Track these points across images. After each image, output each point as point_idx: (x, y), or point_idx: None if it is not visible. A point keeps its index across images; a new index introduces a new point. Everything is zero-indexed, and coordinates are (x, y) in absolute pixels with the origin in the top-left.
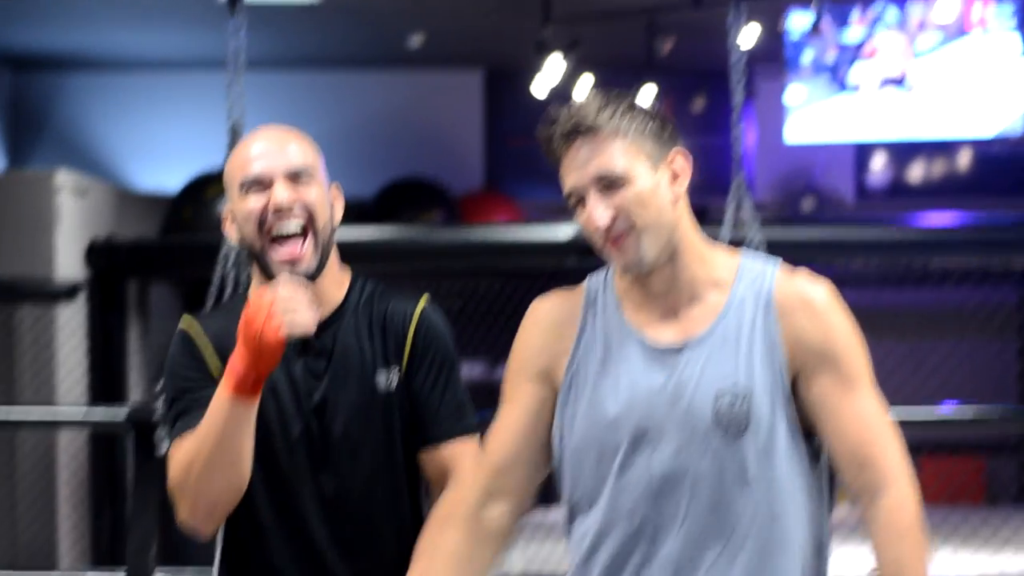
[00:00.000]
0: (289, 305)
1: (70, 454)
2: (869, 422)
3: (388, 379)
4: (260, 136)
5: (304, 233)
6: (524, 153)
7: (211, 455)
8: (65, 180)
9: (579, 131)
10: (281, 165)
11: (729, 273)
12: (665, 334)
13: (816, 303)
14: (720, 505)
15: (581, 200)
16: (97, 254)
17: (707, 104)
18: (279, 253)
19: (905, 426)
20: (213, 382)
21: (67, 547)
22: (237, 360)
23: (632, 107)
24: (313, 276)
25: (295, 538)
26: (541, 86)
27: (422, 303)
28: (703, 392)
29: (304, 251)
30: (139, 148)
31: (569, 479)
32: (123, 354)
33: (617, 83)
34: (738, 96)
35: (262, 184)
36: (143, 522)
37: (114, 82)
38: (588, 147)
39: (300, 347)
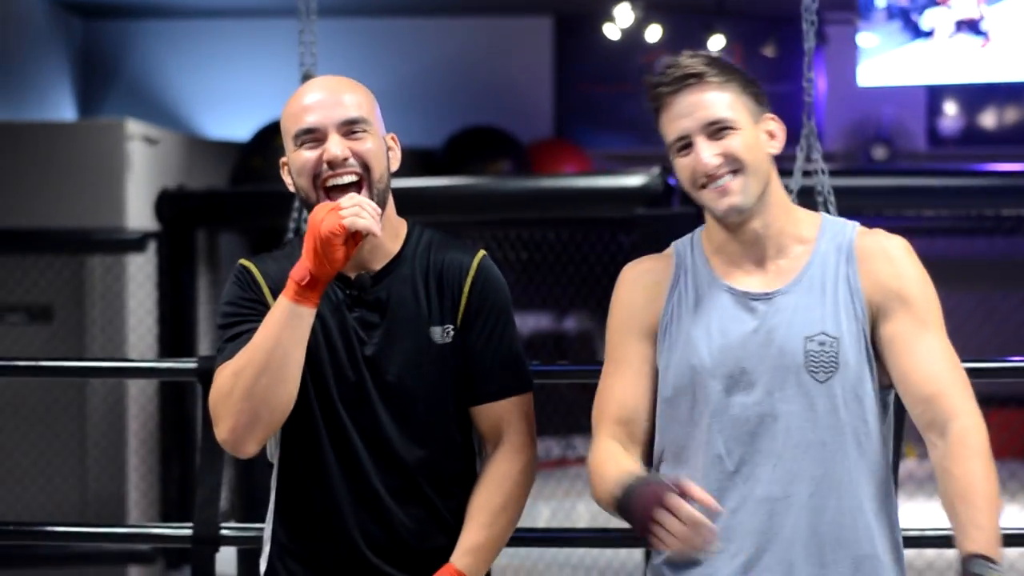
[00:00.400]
0: (354, 207)
1: (140, 405)
2: (940, 360)
3: (444, 332)
4: (314, 86)
5: (359, 184)
6: (594, 100)
7: (262, 364)
8: (135, 129)
9: (689, 80)
10: (335, 117)
11: (812, 229)
12: (754, 283)
13: (892, 250)
14: (812, 445)
15: (687, 146)
16: (167, 203)
17: (778, 50)
18: (333, 198)
19: (975, 377)
20: (263, 305)
21: (136, 499)
22: (298, 265)
23: (733, 67)
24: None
25: (353, 483)
26: (611, 33)
27: (479, 256)
28: (793, 336)
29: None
30: (209, 96)
31: (660, 427)
32: (193, 304)
33: (687, 29)
34: (809, 42)
35: (316, 136)
36: (211, 476)
37: (185, 29)
38: (697, 96)
39: (355, 298)
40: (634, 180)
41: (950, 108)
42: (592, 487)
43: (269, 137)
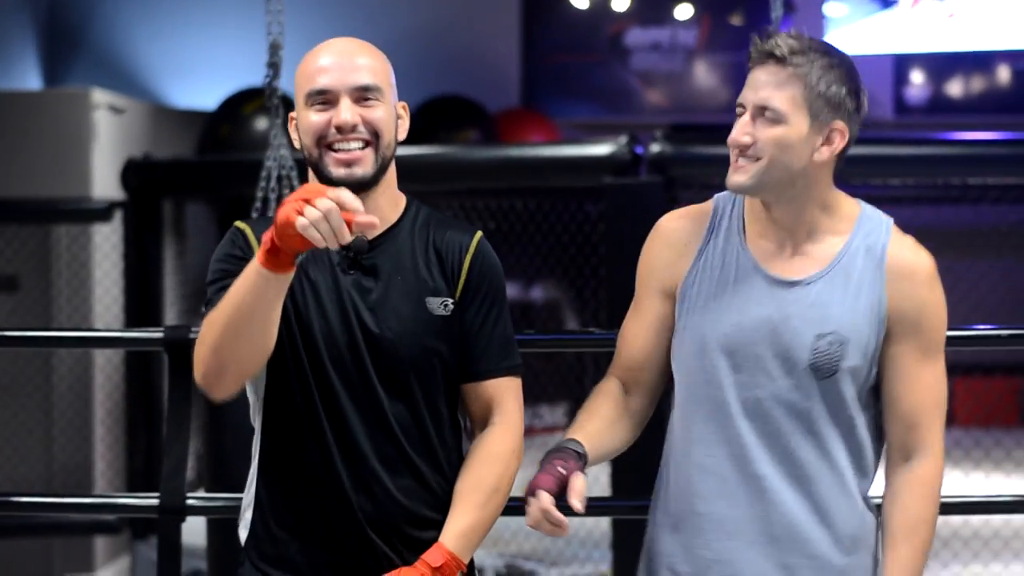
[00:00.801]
0: (318, 218)
1: (106, 375)
2: (930, 392)
3: (442, 304)
4: (331, 48)
5: (367, 147)
6: (561, 70)
7: (227, 321)
8: (101, 98)
9: (771, 58)
10: (348, 81)
11: (848, 223)
12: (781, 267)
13: (921, 274)
14: (805, 434)
15: (742, 113)
16: (133, 173)
17: (745, 19)
18: (336, 158)
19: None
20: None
21: (102, 470)
22: (269, 229)
23: (828, 65)
24: (368, 184)
25: (341, 446)
26: (579, 2)
27: (478, 236)
28: (806, 331)
29: (363, 155)
30: (176, 65)
31: (677, 379)
32: (159, 274)
33: None
34: (776, 11)
35: (327, 98)
36: (177, 446)
37: None
38: (770, 75)
39: (351, 262)
40: (601, 149)
41: (917, 77)
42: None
43: (236, 106)
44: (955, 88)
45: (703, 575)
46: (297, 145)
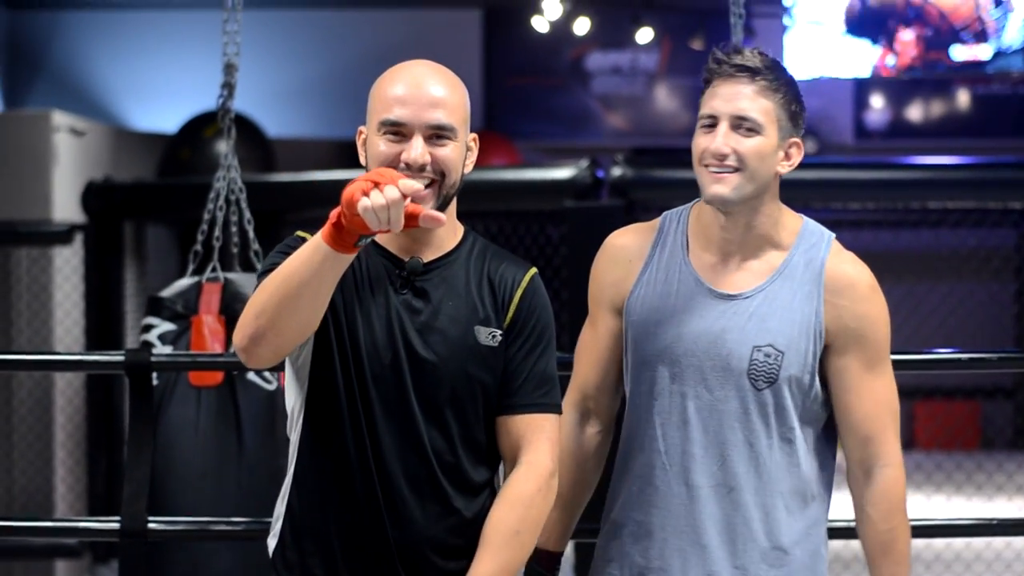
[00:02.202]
0: (380, 206)
1: (67, 398)
2: (880, 402)
3: (490, 334)
4: (411, 76)
5: (430, 186)
6: (522, 93)
7: (277, 289)
8: (62, 120)
9: (743, 72)
10: (424, 118)
11: (790, 237)
12: (722, 281)
13: (860, 287)
14: (740, 444)
15: (711, 125)
16: (94, 195)
17: (705, 44)
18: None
19: (900, 369)
20: None
21: (62, 493)
22: (335, 210)
23: (790, 82)
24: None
25: (376, 465)
26: (540, 26)
27: (532, 271)
28: (744, 343)
29: (427, 194)
30: (136, 88)
31: (628, 391)
32: (120, 297)
33: (616, 22)
34: (737, 35)
35: (400, 131)
36: (139, 469)
37: (111, 21)
38: (745, 88)
39: (404, 279)
40: (563, 173)
41: (876, 102)
42: None
43: (197, 129)
44: (915, 113)
45: None
46: (363, 162)
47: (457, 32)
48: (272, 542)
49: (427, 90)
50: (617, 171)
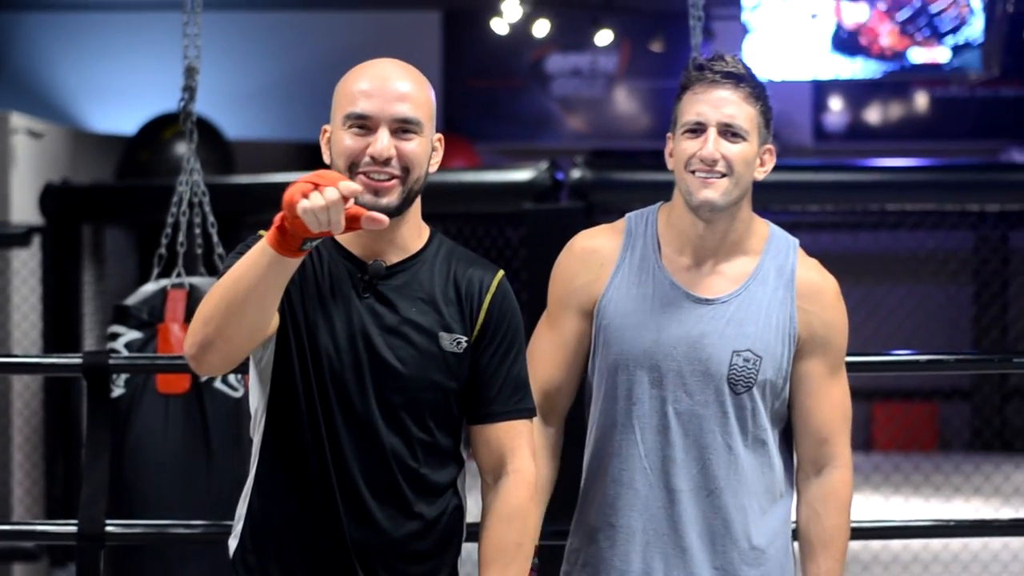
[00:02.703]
0: (320, 207)
1: (24, 401)
2: (837, 406)
3: (453, 340)
4: (377, 71)
5: (394, 179)
6: (482, 95)
7: (228, 291)
8: (19, 122)
9: (729, 79)
10: (389, 111)
11: (760, 243)
12: (697, 286)
13: (828, 295)
14: (719, 448)
15: (697, 131)
16: (52, 198)
17: (665, 46)
18: (369, 186)
19: (859, 371)
20: None
21: (20, 496)
22: (279, 214)
23: (765, 91)
24: (392, 214)
25: (336, 470)
26: (499, 28)
27: (500, 275)
28: (724, 347)
29: (391, 185)
30: (95, 90)
31: (595, 398)
32: (78, 300)
33: (575, 24)
34: (696, 38)
35: (365, 124)
36: (96, 472)
37: (69, 22)
38: (730, 95)
39: (366, 283)
40: (522, 175)
41: (835, 104)
42: None
43: (155, 131)
44: (873, 115)
45: None
46: (327, 160)
47: (416, 34)
48: (233, 543)
49: (393, 84)
50: (577, 173)
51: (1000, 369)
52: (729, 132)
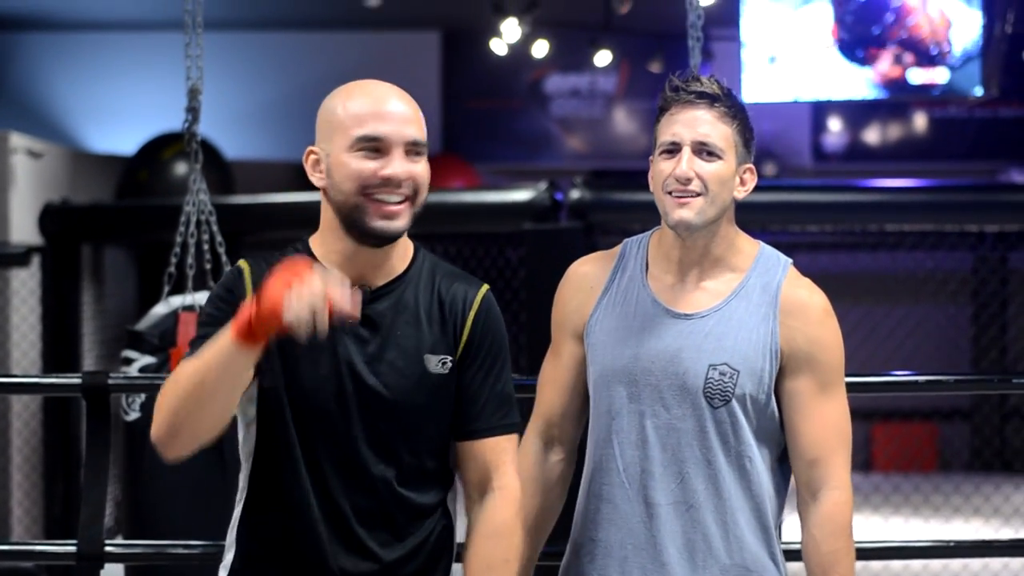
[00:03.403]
0: (304, 307)
1: (23, 421)
2: (829, 426)
3: (440, 362)
4: (380, 92)
5: (403, 202)
6: (481, 116)
7: (194, 385)
8: (19, 142)
9: (703, 99)
10: (404, 134)
11: (747, 261)
12: (679, 302)
13: (813, 312)
14: (699, 462)
15: (672, 151)
16: (51, 218)
17: (664, 67)
18: (380, 209)
19: (858, 391)
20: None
21: (19, 516)
22: (247, 305)
23: (743, 110)
24: (399, 236)
25: (319, 497)
26: (498, 48)
27: (483, 290)
28: (700, 361)
29: (402, 209)
30: (94, 110)
31: (591, 414)
32: (77, 319)
33: (574, 45)
34: (695, 59)
35: (378, 147)
36: (96, 492)
37: (69, 42)
38: (704, 114)
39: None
40: (521, 195)
41: (834, 124)
42: None
43: (154, 151)
44: (872, 135)
45: None
46: (318, 184)
47: (416, 54)
48: (222, 573)
49: (401, 106)
50: (576, 193)
51: (999, 389)
52: (704, 151)
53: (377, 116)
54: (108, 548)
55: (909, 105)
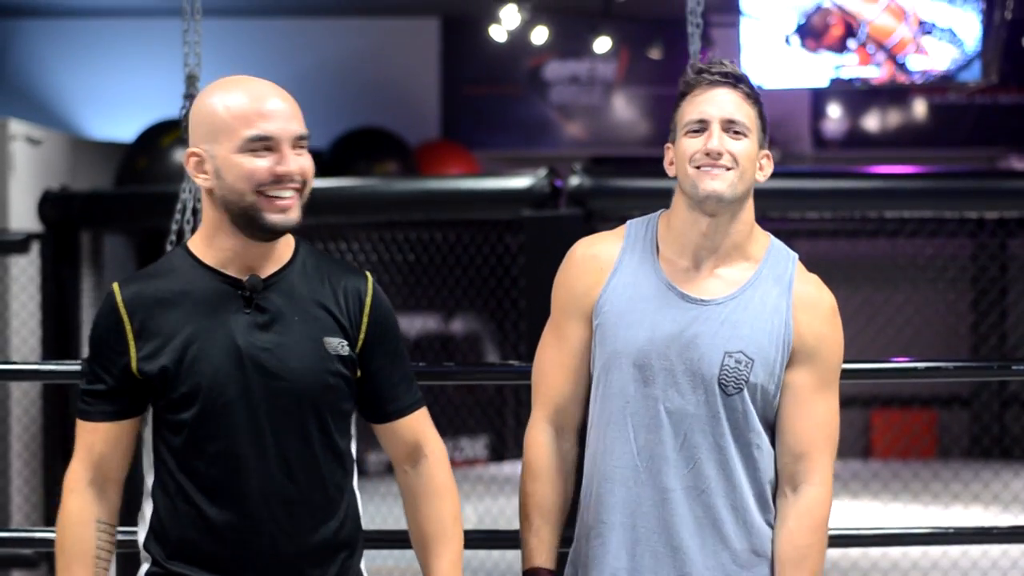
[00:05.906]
0: None
1: (23, 407)
2: (821, 423)
3: (340, 344)
4: (259, 90)
5: (295, 195)
6: (481, 102)
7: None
8: (18, 129)
9: (728, 80)
10: (291, 131)
11: (760, 251)
12: (693, 287)
13: (823, 308)
14: (711, 448)
15: (699, 130)
16: (51, 205)
17: (663, 53)
18: (274, 204)
19: (857, 378)
20: (119, 357)
21: (19, 503)
22: None
23: (760, 98)
24: (286, 232)
25: (232, 491)
26: (498, 34)
27: (371, 281)
28: (716, 348)
29: (294, 202)
30: (93, 96)
31: (593, 397)
32: (76, 306)
33: (574, 31)
34: (695, 45)
35: (268, 145)
36: None
37: (68, 29)
38: (730, 95)
39: (246, 301)
40: (521, 182)
41: (834, 111)
42: (522, 480)
43: (153, 138)
44: (872, 122)
45: None
46: (204, 185)
47: (415, 41)
48: (141, 534)
49: (281, 103)
50: (575, 180)
51: (999, 376)
52: (732, 129)
53: (262, 115)
54: None
55: (908, 92)
